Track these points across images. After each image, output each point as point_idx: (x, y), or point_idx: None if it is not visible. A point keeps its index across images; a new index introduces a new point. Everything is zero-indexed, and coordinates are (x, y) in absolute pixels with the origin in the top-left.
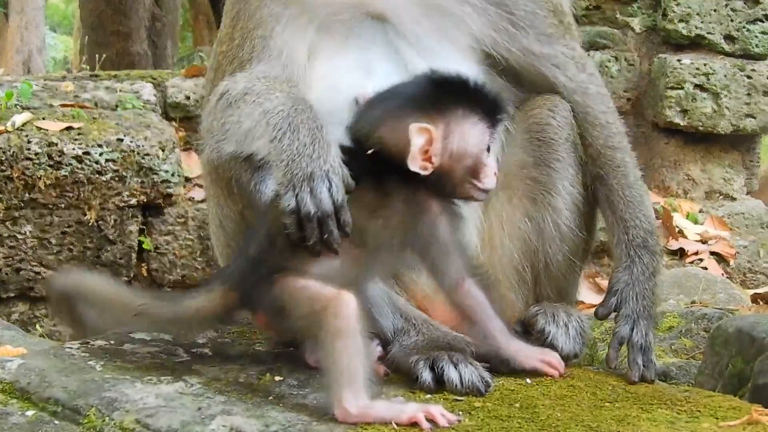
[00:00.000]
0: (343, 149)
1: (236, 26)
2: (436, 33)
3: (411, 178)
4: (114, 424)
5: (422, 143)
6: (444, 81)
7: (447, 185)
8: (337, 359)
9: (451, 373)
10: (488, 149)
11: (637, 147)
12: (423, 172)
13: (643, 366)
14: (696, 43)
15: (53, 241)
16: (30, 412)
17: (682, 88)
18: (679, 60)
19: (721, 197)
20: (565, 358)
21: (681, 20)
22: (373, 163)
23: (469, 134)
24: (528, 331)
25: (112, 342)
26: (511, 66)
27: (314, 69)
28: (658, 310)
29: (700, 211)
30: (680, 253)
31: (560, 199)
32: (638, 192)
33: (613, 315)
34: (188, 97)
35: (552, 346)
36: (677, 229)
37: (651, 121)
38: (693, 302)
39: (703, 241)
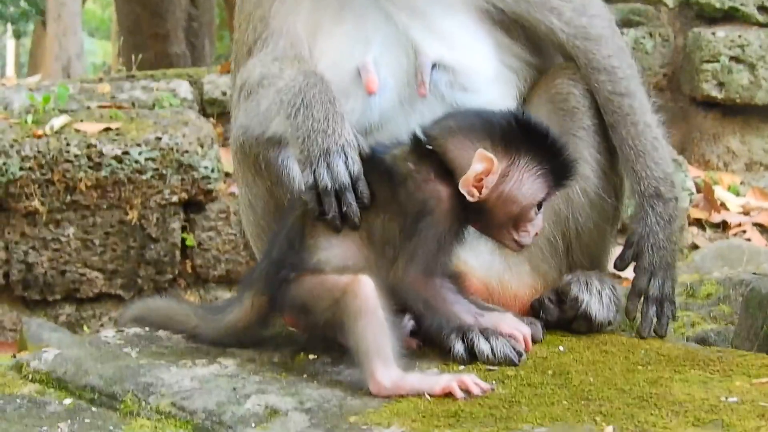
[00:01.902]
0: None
1: (242, 12)
2: None
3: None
4: (150, 408)
5: (480, 170)
6: (528, 125)
7: (484, 221)
8: (363, 337)
9: (482, 345)
10: (540, 206)
11: (675, 122)
12: (469, 198)
13: (656, 319)
14: (730, 15)
15: (96, 242)
16: (67, 401)
17: (718, 61)
18: (713, 33)
19: (761, 168)
20: (599, 326)
21: None
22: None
23: (526, 182)
24: (562, 299)
25: (147, 329)
26: (510, 19)
27: (316, 43)
28: (677, 260)
29: (741, 183)
30: (723, 226)
31: (587, 167)
32: (649, 140)
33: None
34: (224, 93)
35: (585, 314)
36: (719, 202)
37: (688, 96)
38: None
39: (746, 213)
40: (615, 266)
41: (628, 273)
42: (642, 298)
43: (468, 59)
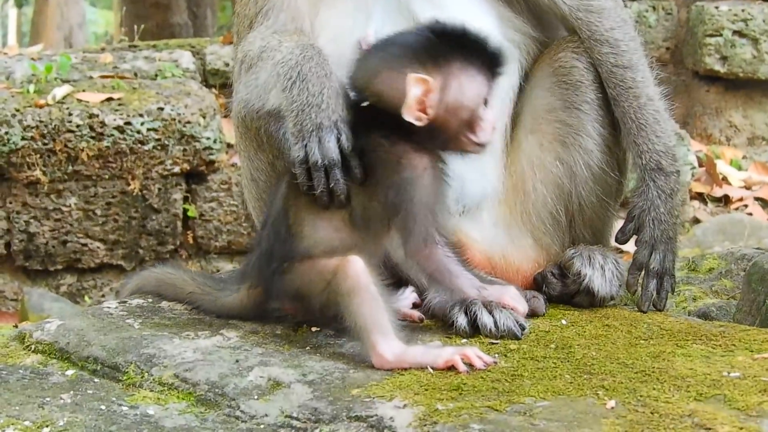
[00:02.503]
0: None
1: None
2: None
3: (404, 131)
4: (153, 379)
5: (419, 93)
6: (444, 32)
7: (441, 137)
8: (359, 314)
9: (485, 318)
10: (486, 102)
11: (677, 96)
12: (417, 123)
13: (656, 293)
14: None
15: (98, 212)
16: (70, 372)
17: (721, 35)
18: (716, 7)
19: (764, 142)
20: (601, 301)
21: None
22: (366, 116)
23: (466, 87)
24: (564, 274)
25: (150, 300)
26: None
27: (317, 16)
28: (678, 234)
29: (743, 158)
30: (725, 200)
31: (590, 141)
32: (651, 113)
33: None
34: (227, 64)
35: (588, 289)
36: (721, 176)
37: (691, 70)
38: None
39: (747, 187)
40: (616, 240)
41: (630, 247)
42: (642, 272)
43: None
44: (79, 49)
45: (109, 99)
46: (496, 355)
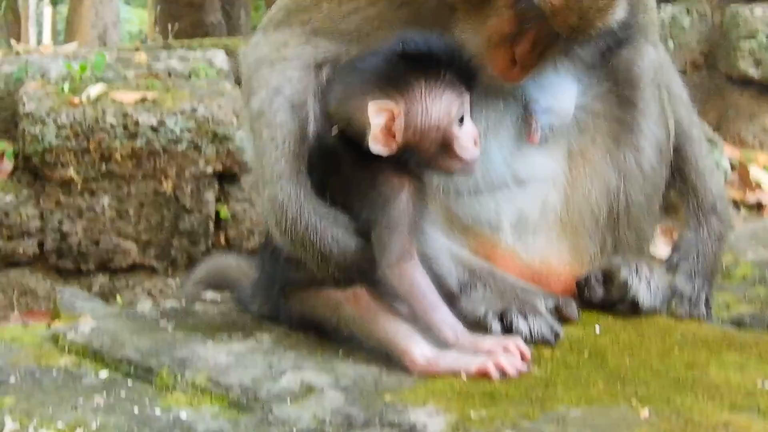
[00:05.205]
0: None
1: None
2: None
3: (377, 157)
4: (186, 382)
5: (382, 122)
6: (408, 51)
7: (422, 161)
8: (380, 331)
9: (521, 325)
10: (461, 119)
11: (711, 100)
12: (386, 153)
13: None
14: None
15: (131, 212)
16: (103, 373)
17: (755, 38)
18: (751, 10)
19: None
20: (644, 312)
21: None
22: (342, 143)
23: (431, 108)
24: (608, 280)
25: (183, 303)
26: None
27: None
28: (717, 275)
29: None
30: (758, 206)
31: (643, 139)
32: (709, 163)
33: None
34: None
35: (633, 300)
36: (754, 182)
37: (725, 74)
38: None
39: None
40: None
41: (664, 252)
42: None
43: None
44: (113, 48)
45: (143, 99)
46: (530, 362)
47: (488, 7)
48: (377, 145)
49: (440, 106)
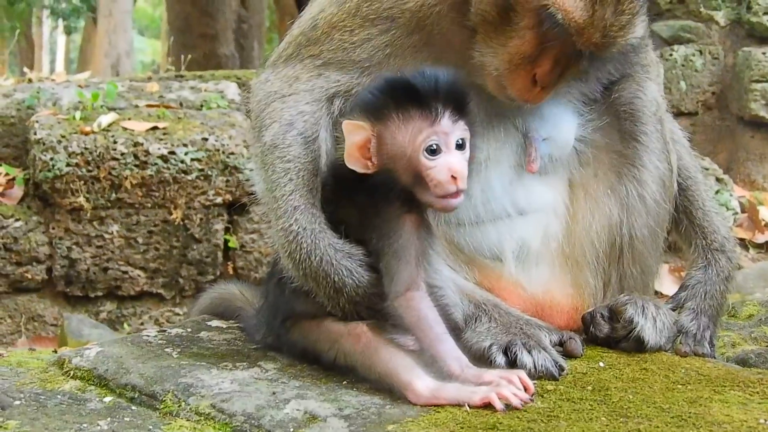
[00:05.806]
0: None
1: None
2: None
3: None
4: (190, 408)
5: (355, 140)
6: (392, 82)
7: (408, 193)
8: (381, 364)
9: (525, 358)
10: (432, 151)
11: (721, 140)
12: (362, 171)
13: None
14: None
15: (140, 240)
16: (108, 398)
17: (767, 80)
18: (763, 53)
19: None
20: (649, 350)
21: (765, 13)
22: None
23: (398, 134)
24: (614, 317)
25: (189, 330)
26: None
27: None
28: (722, 314)
29: None
30: (766, 247)
31: (646, 172)
32: (715, 205)
33: None
34: None
35: (639, 338)
36: (763, 223)
37: (736, 115)
38: None
39: None
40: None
41: (668, 290)
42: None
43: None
44: (126, 77)
45: (154, 128)
46: (533, 395)
47: (509, 29)
48: (352, 162)
49: (405, 133)
